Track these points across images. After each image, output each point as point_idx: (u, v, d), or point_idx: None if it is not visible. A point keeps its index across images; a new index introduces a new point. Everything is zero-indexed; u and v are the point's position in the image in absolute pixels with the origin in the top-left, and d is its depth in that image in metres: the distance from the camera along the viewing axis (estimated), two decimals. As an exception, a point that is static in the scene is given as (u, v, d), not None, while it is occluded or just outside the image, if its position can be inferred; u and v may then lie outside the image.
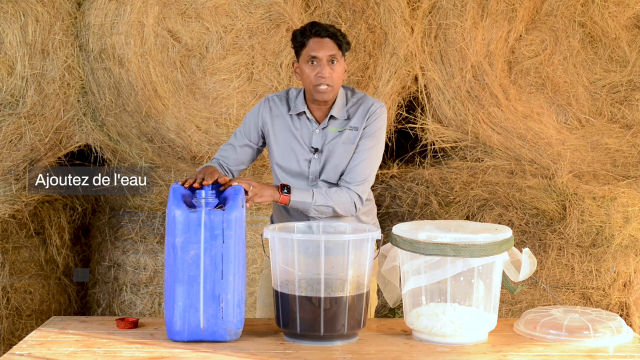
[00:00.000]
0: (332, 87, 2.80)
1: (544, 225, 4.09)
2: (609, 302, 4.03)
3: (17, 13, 4.13)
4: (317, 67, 2.79)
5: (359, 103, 2.89)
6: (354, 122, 2.86)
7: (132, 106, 4.23)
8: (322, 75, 2.78)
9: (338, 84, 2.83)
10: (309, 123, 2.88)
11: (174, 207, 2.35)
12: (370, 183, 2.89)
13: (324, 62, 2.78)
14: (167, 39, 4.25)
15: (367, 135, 2.86)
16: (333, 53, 2.79)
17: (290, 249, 2.36)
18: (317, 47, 2.79)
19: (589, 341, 2.40)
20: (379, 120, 2.88)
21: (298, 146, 2.87)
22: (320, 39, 2.79)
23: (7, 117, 4.16)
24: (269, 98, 2.95)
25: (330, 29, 2.82)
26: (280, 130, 2.90)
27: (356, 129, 2.86)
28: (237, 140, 2.95)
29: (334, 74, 2.80)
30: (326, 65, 2.78)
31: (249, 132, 2.94)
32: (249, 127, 2.94)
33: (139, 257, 4.31)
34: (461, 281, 2.38)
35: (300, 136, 2.87)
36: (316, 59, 2.78)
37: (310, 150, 2.87)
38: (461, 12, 4.35)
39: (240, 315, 2.39)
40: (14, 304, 4.23)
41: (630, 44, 4.53)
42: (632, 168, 4.38)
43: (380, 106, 2.89)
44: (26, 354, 2.26)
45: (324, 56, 2.77)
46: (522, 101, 4.46)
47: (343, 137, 2.86)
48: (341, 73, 2.83)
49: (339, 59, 2.81)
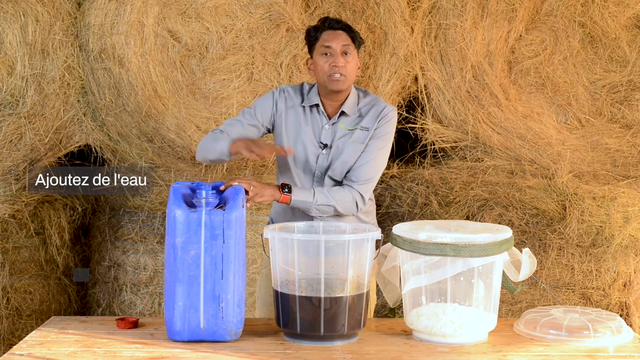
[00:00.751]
0: (345, 77, 2.83)
1: (544, 225, 4.09)
2: (609, 302, 4.02)
3: (17, 13, 4.13)
4: (330, 58, 2.83)
5: (372, 104, 2.93)
6: (365, 123, 2.89)
7: (132, 106, 4.23)
8: (336, 64, 2.82)
9: (351, 75, 2.86)
10: (319, 117, 2.90)
11: (174, 207, 2.35)
12: (374, 184, 2.90)
13: (337, 52, 2.82)
14: (167, 39, 4.25)
15: (377, 137, 2.88)
16: (347, 44, 2.84)
17: (290, 249, 2.36)
18: (331, 38, 2.84)
19: (589, 341, 2.40)
20: (390, 123, 2.91)
21: (307, 140, 2.89)
22: (333, 31, 2.86)
23: (7, 117, 4.16)
24: (284, 88, 2.96)
25: (343, 22, 2.90)
26: (292, 121, 2.91)
27: (367, 130, 2.88)
28: (246, 119, 2.93)
29: (348, 65, 2.84)
30: (340, 55, 2.83)
31: (262, 114, 2.93)
32: (261, 110, 2.93)
33: (139, 257, 4.31)
34: (461, 281, 2.38)
35: (310, 130, 2.89)
36: (330, 49, 2.83)
37: (319, 145, 2.88)
38: (461, 12, 4.35)
39: (240, 315, 2.39)
40: (14, 304, 4.23)
41: (630, 44, 4.53)
42: (632, 168, 4.38)
43: (392, 110, 2.92)
44: (26, 354, 2.26)
45: (338, 46, 2.83)
46: (522, 101, 4.46)
47: (353, 136, 2.87)
48: (354, 66, 2.87)
49: (352, 52, 2.86)
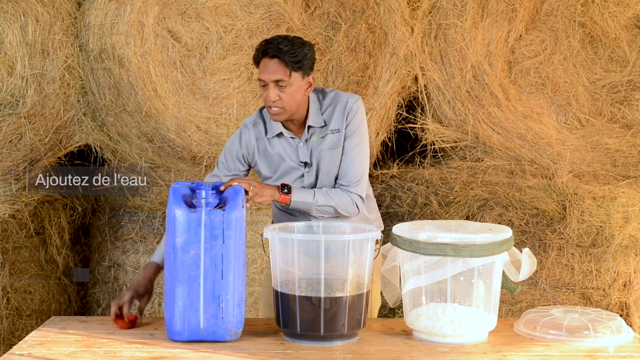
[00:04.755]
0: (283, 108, 2.70)
1: (544, 225, 4.09)
2: (609, 302, 4.03)
3: (17, 13, 4.13)
4: (266, 90, 2.70)
5: (334, 103, 2.81)
6: (334, 125, 2.79)
7: (132, 106, 4.24)
8: (270, 98, 2.69)
9: (291, 104, 2.71)
10: (290, 140, 2.82)
11: (174, 207, 2.35)
12: (365, 179, 2.85)
13: (270, 85, 2.68)
14: (167, 39, 4.25)
15: (350, 134, 2.80)
16: (278, 78, 2.67)
17: (290, 249, 2.36)
18: (263, 69, 2.68)
19: (589, 341, 2.40)
20: (358, 115, 2.80)
21: (287, 165, 2.83)
22: (267, 60, 2.68)
23: (7, 117, 4.16)
24: (246, 125, 2.87)
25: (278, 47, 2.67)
26: (266, 154, 2.85)
27: (338, 131, 2.80)
28: (222, 172, 2.88)
29: (284, 96, 2.68)
30: (273, 88, 2.67)
31: (233, 162, 2.87)
32: (232, 158, 2.87)
33: (139, 257, 4.31)
34: (461, 281, 2.38)
35: (286, 155, 2.82)
36: (263, 81, 2.69)
37: (300, 166, 2.83)
38: (461, 12, 4.35)
39: (240, 315, 2.39)
40: (14, 304, 4.23)
41: (630, 44, 4.53)
42: (632, 168, 4.38)
43: (355, 100, 2.80)
44: (26, 354, 2.26)
45: (270, 79, 2.67)
46: (522, 101, 4.46)
47: (326, 143, 2.80)
48: (294, 93, 2.70)
49: (289, 82, 2.68)
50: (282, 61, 2.66)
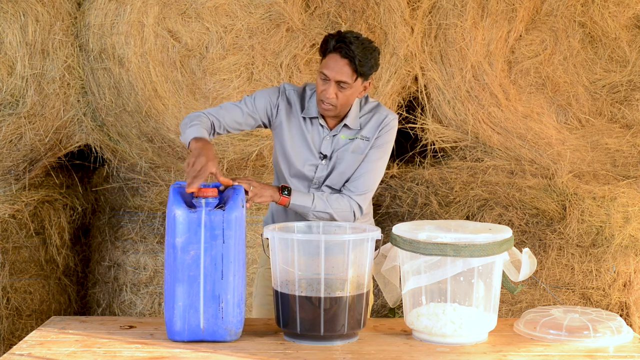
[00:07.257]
0: (335, 106, 2.73)
1: (544, 225, 4.09)
2: (609, 302, 4.03)
3: (17, 13, 4.13)
4: (325, 84, 2.71)
5: (373, 113, 2.84)
6: (366, 132, 2.82)
7: (132, 106, 4.23)
8: (326, 95, 2.71)
9: (345, 104, 2.75)
10: (320, 129, 2.84)
11: (174, 207, 2.35)
12: (371, 194, 2.88)
13: (332, 82, 2.69)
14: (167, 39, 4.25)
15: (376, 146, 2.83)
16: (343, 80, 2.68)
17: (290, 249, 2.36)
18: (331, 65, 2.69)
19: (589, 341, 2.40)
20: (391, 133, 2.84)
21: (307, 149, 2.84)
22: (338, 58, 2.68)
23: (7, 117, 4.16)
24: (287, 90, 2.86)
25: (353, 50, 2.65)
26: (292, 128, 2.84)
27: (367, 139, 2.82)
28: (248, 108, 2.83)
29: (341, 96, 2.71)
30: (334, 86, 2.70)
31: (261, 108, 2.84)
32: (263, 105, 2.83)
33: (139, 257, 4.31)
34: (461, 281, 2.38)
35: (310, 139, 2.83)
36: (326, 76, 2.70)
37: (319, 156, 2.84)
38: (461, 12, 4.35)
39: (240, 315, 2.39)
40: (14, 304, 4.23)
41: (630, 44, 4.53)
42: (632, 168, 4.39)
43: (393, 118, 2.85)
44: (26, 354, 2.26)
45: (334, 77, 2.68)
46: (522, 101, 4.46)
47: (353, 146, 2.82)
48: (351, 95, 2.73)
49: (351, 85, 2.70)
50: (352, 65, 2.67)
